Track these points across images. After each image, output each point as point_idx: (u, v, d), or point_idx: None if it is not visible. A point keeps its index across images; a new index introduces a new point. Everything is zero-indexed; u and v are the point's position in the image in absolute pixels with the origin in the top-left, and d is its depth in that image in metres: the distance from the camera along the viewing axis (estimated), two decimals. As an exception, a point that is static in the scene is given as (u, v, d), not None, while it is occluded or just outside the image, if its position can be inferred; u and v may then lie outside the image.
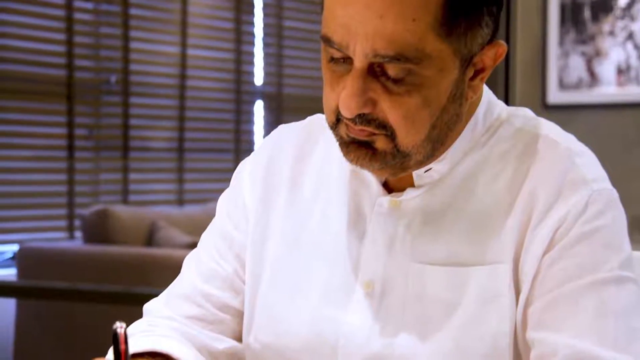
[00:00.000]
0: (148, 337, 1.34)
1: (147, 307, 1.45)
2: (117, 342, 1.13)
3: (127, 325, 1.39)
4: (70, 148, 4.92)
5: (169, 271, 1.68)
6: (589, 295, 1.22)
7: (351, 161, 1.28)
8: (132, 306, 2.54)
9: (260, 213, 1.41)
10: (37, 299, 4.10)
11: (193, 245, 1.50)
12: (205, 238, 1.47)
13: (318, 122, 1.42)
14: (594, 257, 1.23)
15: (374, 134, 1.24)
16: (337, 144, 1.29)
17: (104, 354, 1.32)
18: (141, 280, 3.81)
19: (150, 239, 4.47)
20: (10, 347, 4.29)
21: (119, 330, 1.13)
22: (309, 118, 1.47)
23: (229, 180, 1.49)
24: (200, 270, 1.43)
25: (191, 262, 1.46)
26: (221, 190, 1.49)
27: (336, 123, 1.27)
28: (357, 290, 1.33)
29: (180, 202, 5.46)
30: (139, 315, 1.43)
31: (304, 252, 1.37)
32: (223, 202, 1.47)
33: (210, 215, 1.51)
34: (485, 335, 1.26)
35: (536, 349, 1.23)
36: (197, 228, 3.95)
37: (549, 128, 1.33)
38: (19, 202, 4.75)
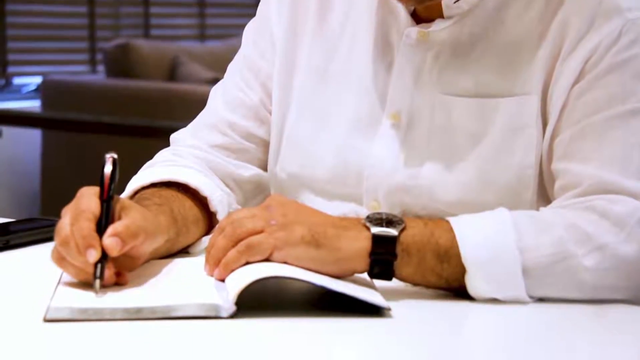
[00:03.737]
0: (167, 167, 1.36)
1: (174, 136, 1.46)
2: (104, 171, 1.13)
3: (152, 161, 1.40)
4: (90, -21, 4.86)
5: (191, 106, 1.68)
6: (616, 126, 1.21)
7: None
8: (153, 139, 2.56)
9: (287, 42, 1.40)
10: (62, 130, 4.14)
11: (215, 81, 1.50)
12: (231, 68, 1.46)
13: (346, -51, 1.39)
14: (624, 87, 1.22)
15: None
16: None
17: (125, 185, 1.33)
18: (163, 114, 3.83)
19: (172, 74, 4.46)
20: (38, 176, 4.38)
21: (106, 161, 1.14)
22: (337, -56, 1.43)
23: (250, 15, 1.47)
24: (225, 100, 1.43)
25: (217, 92, 1.46)
26: (243, 26, 1.48)
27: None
28: (383, 121, 1.33)
29: (202, 37, 5.42)
30: (160, 148, 1.44)
31: (331, 83, 1.37)
32: (249, 31, 1.46)
33: (232, 51, 1.50)
34: (510, 166, 1.26)
35: (561, 179, 1.23)
36: (218, 64, 3.93)
37: (584, -46, 1.30)
38: (40, 33, 4.73)
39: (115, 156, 1.14)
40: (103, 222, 1.11)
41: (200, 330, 1.02)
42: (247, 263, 1.11)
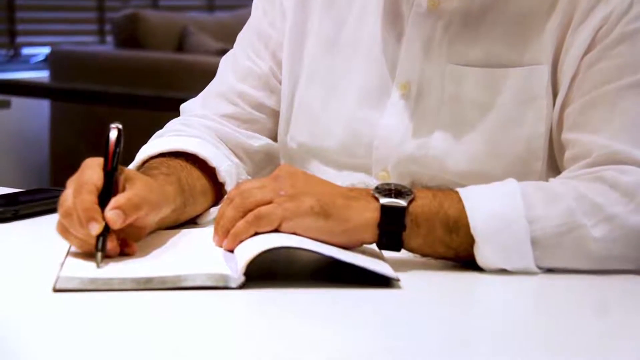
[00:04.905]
0: (176, 137, 1.36)
1: (184, 106, 1.45)
2: (108, 142, 1.12)
3: (159, 130, 1.40)
4: (99, -52, 4.84)
5: (200, 76, 1.67)
6: (627, 96, 1.20)
7: None
8: (162, 110, 2.56)
9: (297, 11, 1.39)
10: (71, 101, 4.13)
11: (224, 52, 1.49)
12: (241, 37, 1.46)
13: None
14: (635, 57, 1.21)
15: None
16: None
17: (134, 156, 1.33)
18: (171, 85, 3.82)
19: (180, 44, 4.45)
20: (47, 146, 4.38)
21: (111, 132, 1.13)
22: None
23: (260, -16, 1.46)
24: (235, 70, 1.43)
25: (227, 62, 1.45)
26: (252, -4, 1.47)
27: None
28: (393, 91, 1.32)
29: (211, 7, 5.40)
30: (169, 119, 1.44)
31: (341, 53, 1.37)
32: (259, 0, 1.45)
33: (242, 22, 1.50)
34: (519, 137, 1.26)
35: (570, 150, 1.23)
36: (227, 34, 3.91)
37: None
38: (49, 3, 4.72)
39: (120, 126, 1.13)
40: (106, 194, 1.10)
41: (209, 301, 1.02)
42: (257, 233, 1.11)
